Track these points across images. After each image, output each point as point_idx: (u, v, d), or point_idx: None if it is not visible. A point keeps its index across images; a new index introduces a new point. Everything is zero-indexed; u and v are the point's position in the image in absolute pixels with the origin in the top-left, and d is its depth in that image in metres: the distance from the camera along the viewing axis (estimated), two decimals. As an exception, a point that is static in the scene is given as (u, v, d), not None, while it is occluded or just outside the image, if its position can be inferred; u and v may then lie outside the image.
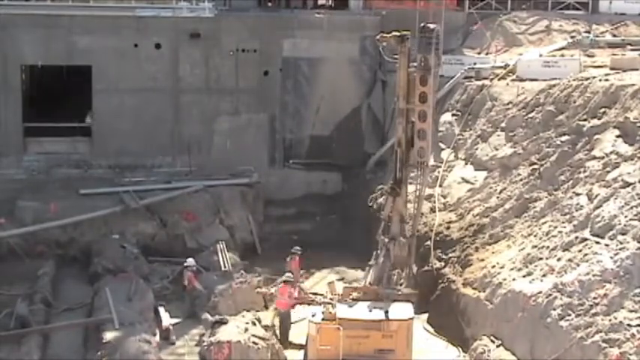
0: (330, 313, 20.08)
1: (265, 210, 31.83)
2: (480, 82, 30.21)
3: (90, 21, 31.48)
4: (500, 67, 30.93)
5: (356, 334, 19.77)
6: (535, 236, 22.14)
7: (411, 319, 20.44)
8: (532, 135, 25.81)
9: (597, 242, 19.76)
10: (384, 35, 23.40)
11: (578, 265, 19.57)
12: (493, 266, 22.31)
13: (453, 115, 30.07)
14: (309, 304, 22.68)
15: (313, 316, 20.40)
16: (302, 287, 24.68)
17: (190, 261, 24.60)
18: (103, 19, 31.57)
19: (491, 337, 20.91)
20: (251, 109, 33.03)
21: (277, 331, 22.87)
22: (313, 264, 28.48)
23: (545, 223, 22.27)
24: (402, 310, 20.42)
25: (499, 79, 29.95)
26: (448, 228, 25.76)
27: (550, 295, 19.52)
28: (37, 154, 31.74)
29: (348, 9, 35.85)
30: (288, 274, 23.66)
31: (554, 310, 19.15)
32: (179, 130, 32.37)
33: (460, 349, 22.29)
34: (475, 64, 31.55)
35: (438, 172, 28.53)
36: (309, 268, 28.07)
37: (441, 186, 28.01)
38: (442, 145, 29.62)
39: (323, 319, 20.07)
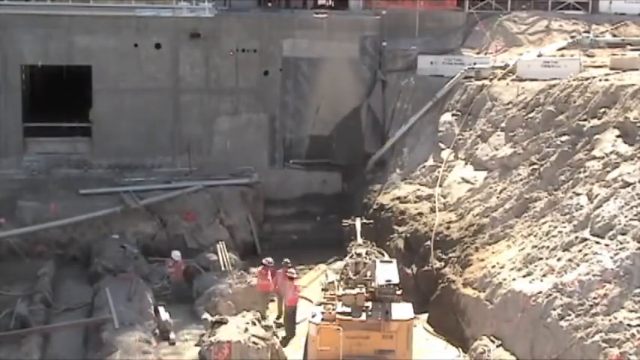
0: (330, 313, 20.02)
1: (265, 210, 31.83)
2: (480, 82, 30.18)
3: (90, 21, 31.49)
4: (500, 67, 30.91)
5: (356, 334, 19.69)
6: (535, 236, 22.13)
7: (412, 319, 20.40)
8: (532, 135, 25.79)
9: (597, 242, 19.76)
10: None
11: (578, 265, 19.58)
12: (493, 266, 22.31)
13: (453, 115, 30.05)
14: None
15: (313, 316, 20.34)
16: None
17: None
18: (103, 19, 31.58)
19: (491, 337, 20.91)
20: (251, 109, 33.04)
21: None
22: (313, 263, 28.54)
23: (545, 223, 22.27)
24: (402, 310, 20.32)
25: (499, 79, 29.93)
26: (448, 228, 25.74)
27: (550, 295, 19.53)
28: (37, 154, 31.74)
29: (348, 9, 35.91)
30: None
31: (554, 310, 19.16)
32: (179, 130, 32.37)
33: (460, 349, 22.30)
34: (475, 64, 31.53)
35: (438, 172, 28.54)
36: (308, 268, 28.17)
37: (441, 186, 28.00)
38: (442, 145, 29.61)
39: (323, 320, 20.00)
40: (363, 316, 19.95)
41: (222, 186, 30.74)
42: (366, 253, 22.88)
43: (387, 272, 21.10)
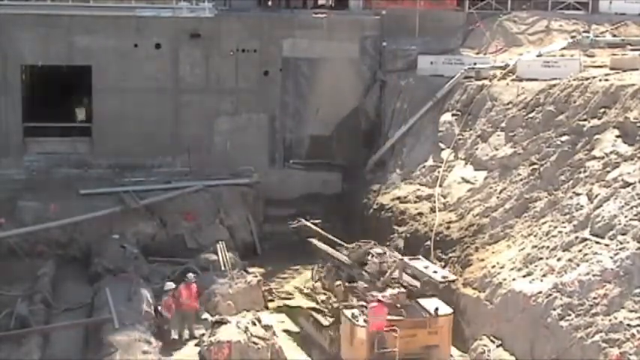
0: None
1: (265, 210, 31.81)
2: (480, 82, 30.17)
3: (90, 21, 31.49)
4: (500, 67, 30.91)
5: (404, 333, 19.73)
6: (535, 236, 22.14)
7: (452, 313, 20.70)
8: (532, 135, 25.79)
9: (597, 242, 19.78)
10: None
11: (578, 265, 19.59)
12: (493, 266, 22.31)
13: (453, 115, 30.04)
14: None
15: (354, 317, 19.94)
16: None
17: (190, 276, 23.59)
18: (103, 19, 31.58)
19: (491, 337, 20.92)
20: (251, 109, 33.03)
21: None
22: (313, 264, 28.54)
23: (545, 223, 22.28)
24: (440, 305, 20.52)
25: (499, 79, 29.93)
26: (448, 228, 25.73)
27: (550, 295, 19.54)
28: (37, 154, 31.74)
29: (348, 9, 35.87)
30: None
31: (554, 310, 19.17)
32: (179, 130, 32.35)
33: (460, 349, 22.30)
34: (475, 64, 31.53)
35: (438, 172, 28.54)
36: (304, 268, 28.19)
37: (441, 186, 27.99)
38: (442, 145, 29.60)
39: (367, 322, 19.58)
40: (411, 315, 20.08)
41: (222, 186, 30.74)
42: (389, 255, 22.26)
43: (433, 269, 21.29)
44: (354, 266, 22.59)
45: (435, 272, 20.95)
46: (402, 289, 20.79)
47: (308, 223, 25.66)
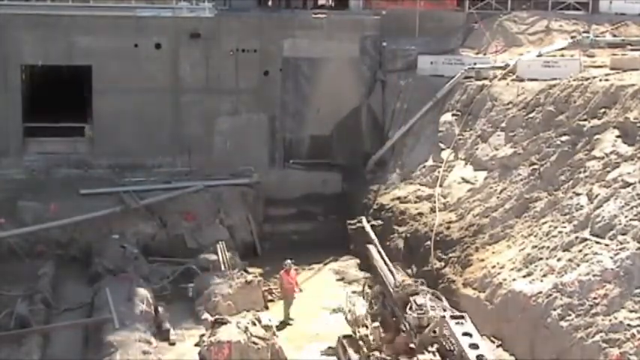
0: None
1: (265, 210, 31.82)
2: (480, 82, 30.19)
3: (90, 21, 31.47)
4: (500, 67, 30.92)
5: None
6: (535, 236, 22.14)
7: None
8: (532, 135, 25.81)
9: (597, 242, 19.78)
10: None
11: (578, 265, 19.60)
12: (493, 266, 22.31)
13: (453, 115, 30.06)
14: None
15: None
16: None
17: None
18: (103, 19, 31.58)
19: (492, 337, 20.92)
20: (251, 109, 33.02)
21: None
22: (313, 264, 28.54)
23: (545, 223, 22.28)
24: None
25: (499, 79, 29.94)
26: (448, 228, 25.72)
27: (550, 295, 19.54)
28: (37, 154, 31.70)
29: (348, 9, 35.88)
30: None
31: (554, 310, 19.17)
32: (179, 130, 32.34)
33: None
34: (475, 64, 31.54)
35: (438, 172, 28.54)
36: (302, 268, 28.17)
37: (441, 186, 28.00)
38: (442, 145, 29.61)
39: None
40: None
41: (222, 186, 30.74)
42: (431, 307, 18.25)
43: (472, 340, 17.01)
44: (397, 305, 19.12)
45: (475, 346, 16.59)
46: (437, 356, 17.15)
47: (367, 226, 23.18)
